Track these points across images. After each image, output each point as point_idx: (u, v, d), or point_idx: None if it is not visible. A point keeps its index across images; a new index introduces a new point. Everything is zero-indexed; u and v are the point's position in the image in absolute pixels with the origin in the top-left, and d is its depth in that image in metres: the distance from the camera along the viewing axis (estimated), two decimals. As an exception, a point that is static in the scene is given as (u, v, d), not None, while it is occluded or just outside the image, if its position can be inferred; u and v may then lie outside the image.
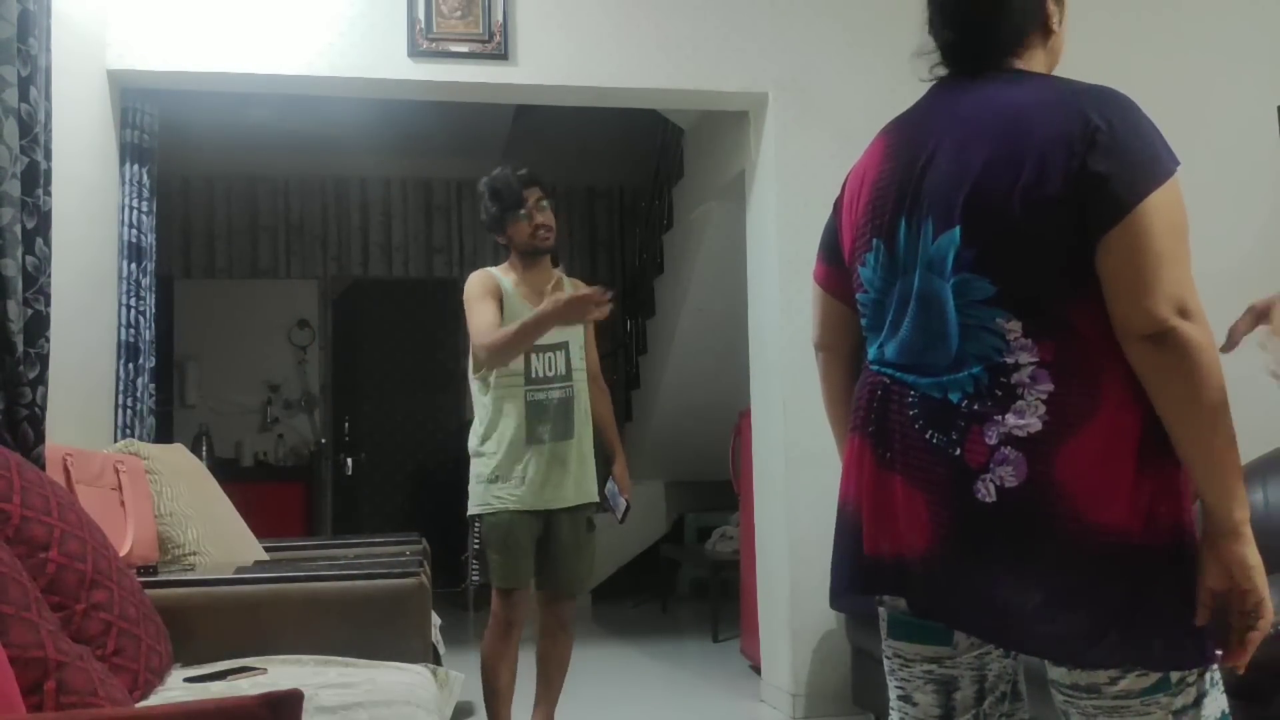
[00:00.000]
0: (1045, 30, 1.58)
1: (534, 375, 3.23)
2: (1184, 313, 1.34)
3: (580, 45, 3.98)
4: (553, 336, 3.20)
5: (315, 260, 8.11)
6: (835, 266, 1.66)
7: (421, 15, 3.86)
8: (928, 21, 1.58)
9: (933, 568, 1.44)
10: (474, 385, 3.29)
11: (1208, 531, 1.39)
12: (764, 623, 4.26)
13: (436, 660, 2.70)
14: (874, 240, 1.54)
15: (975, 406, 1.42)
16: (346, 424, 8.35)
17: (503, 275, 3.32)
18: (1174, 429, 1.37)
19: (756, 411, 4.35)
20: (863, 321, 1.61)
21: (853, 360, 1.68)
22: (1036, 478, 1.37)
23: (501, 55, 3.91)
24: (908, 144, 1.54)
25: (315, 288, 8.11)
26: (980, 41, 1.54)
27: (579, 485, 3.29)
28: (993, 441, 1.39)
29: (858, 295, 1.61)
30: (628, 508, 3.44)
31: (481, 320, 3.16)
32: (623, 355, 8.14)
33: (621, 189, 8.56)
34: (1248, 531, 1.39)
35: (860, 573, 1.54)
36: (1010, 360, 1.40)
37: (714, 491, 6.74)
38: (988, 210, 1.41)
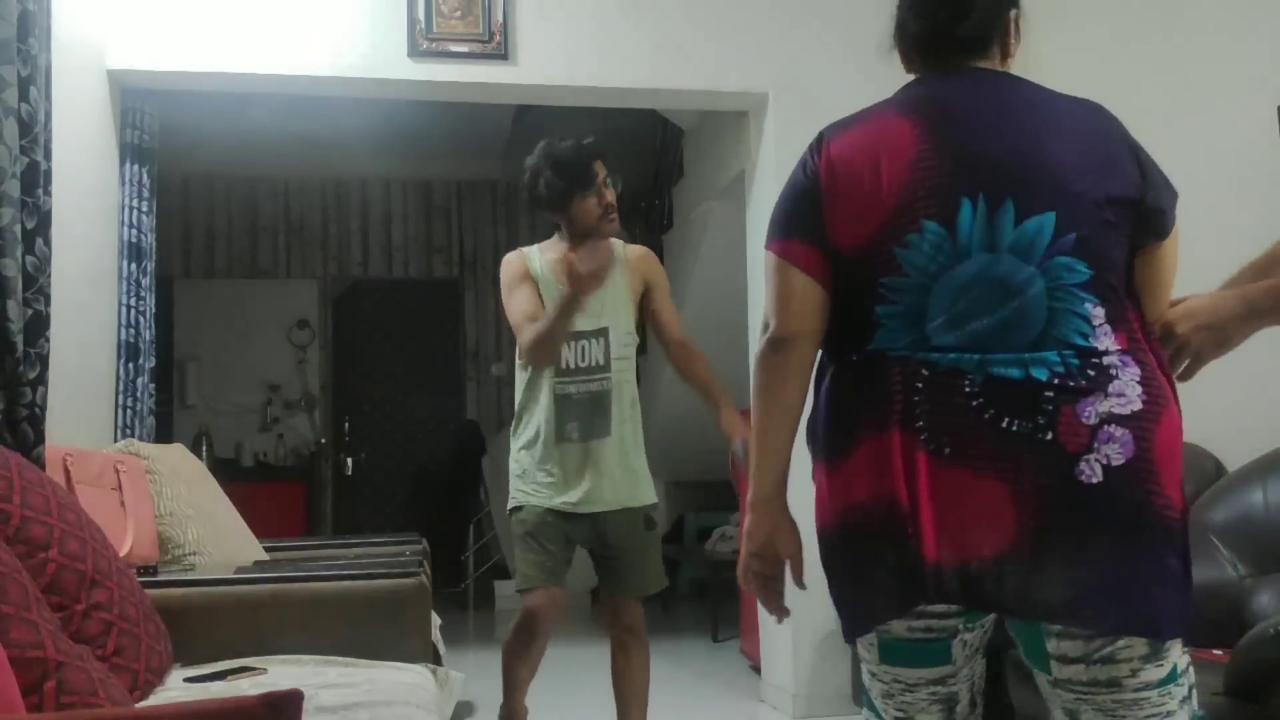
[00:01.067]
0: (1004, 50, 1.63)
1: (565, 366, 2.91)
2: None
3: (580, 45, 3.98)
4: (592, 321, 2.91)
5: (315, 260, 8.12)
6: (821, 250, 1.53)
7: (421, 15, 3.86)
8: (903, 16, 1.67)
9: (1021, 564, 1.39)
10: (517, 371, 3.03)
11: None
12: (764, 623, 4.26)
13: (436, 660, 2.70)
14: (924, 222, 1.46)
15: (1069, 384, 1.40)
16: (346, 424, 8.34)
17: (539, 254, 3.01)
18: None
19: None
20: (886, 309, 1.49)
21: (817, 348, 1.58)
22: (1142, 454, 1.40)
23: (501, 55, 3.91)
24: (950, 127, 1.51)
25: (315, 288, 8.12)
26: (970, 39, 1.59)
27: (618, 488, 2.96)
28: (1092, 421, 1.39)
29: (884, 280, 1.48)
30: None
31: (518, 312, 2.88)
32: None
33: (621, 189, 8.55)
34: None
35: (920, 584, 1.42)
36: (1097, 345, 1.43)
37: (714, 491, 6.74)
38: (1081, 199, 1.45)
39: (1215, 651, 2.36)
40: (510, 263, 3.02)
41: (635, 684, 3.05)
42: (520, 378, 3.00)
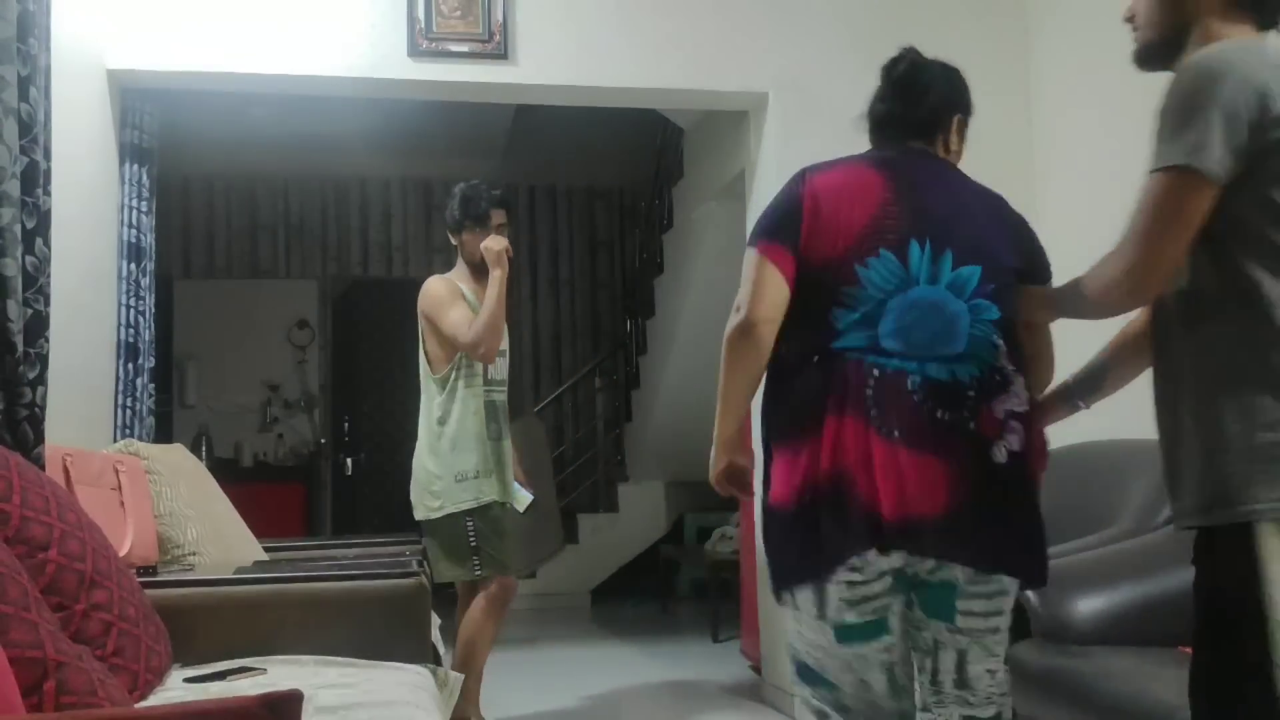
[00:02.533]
0: (946, 144, 2.08)
1: (490, 378, 3.53)
2: None
3: (580, 45, 3.98)
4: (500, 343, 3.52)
5: (315, 260, 8.12)
6: (795, 256, 1.93)
7: (421, 15, 3.86)
8: (880, 94, 2.11)
9: (953, 520, 1.80)
10: (431, 385, 3.53)
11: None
12: (764, 623, 4.26)
13: (436, 660, 2.70)
14: (882, 250, 1.89)
15: (985, 387, 1.86)
16: (346, 424, 8.35)
17: (460, 283, 3.56)
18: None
19: (756, 411, 4.34)
20: (843, 313, 1.88)
21: (775, 334, 1.95)
22: (1029, 442, 1.88)
23: (501, 55, 3.91)
24: (908, 187, 1.96)
25: (315, 288, 8.11)
26: (922, 123, 2.06)
27: (512, 480, 3.61)
28: (1001, 415, 1.86)
29: (844, 289, 1.88)
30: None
31: (460, 316, 3.41)
32: (623, 355, 8.15)
33: (621, 189, 8.56)
34: None
35: (877, 532, 1.79)
36: (1000, 363, 1.90)
37: (714, 491, 6.72)
38: (997, 263, 1.93)
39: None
40: (444, 282, 3.57)
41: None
42: (439, 388, 3.50)
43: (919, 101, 2.06)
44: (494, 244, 3.46)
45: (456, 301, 3.46)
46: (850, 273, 1.88)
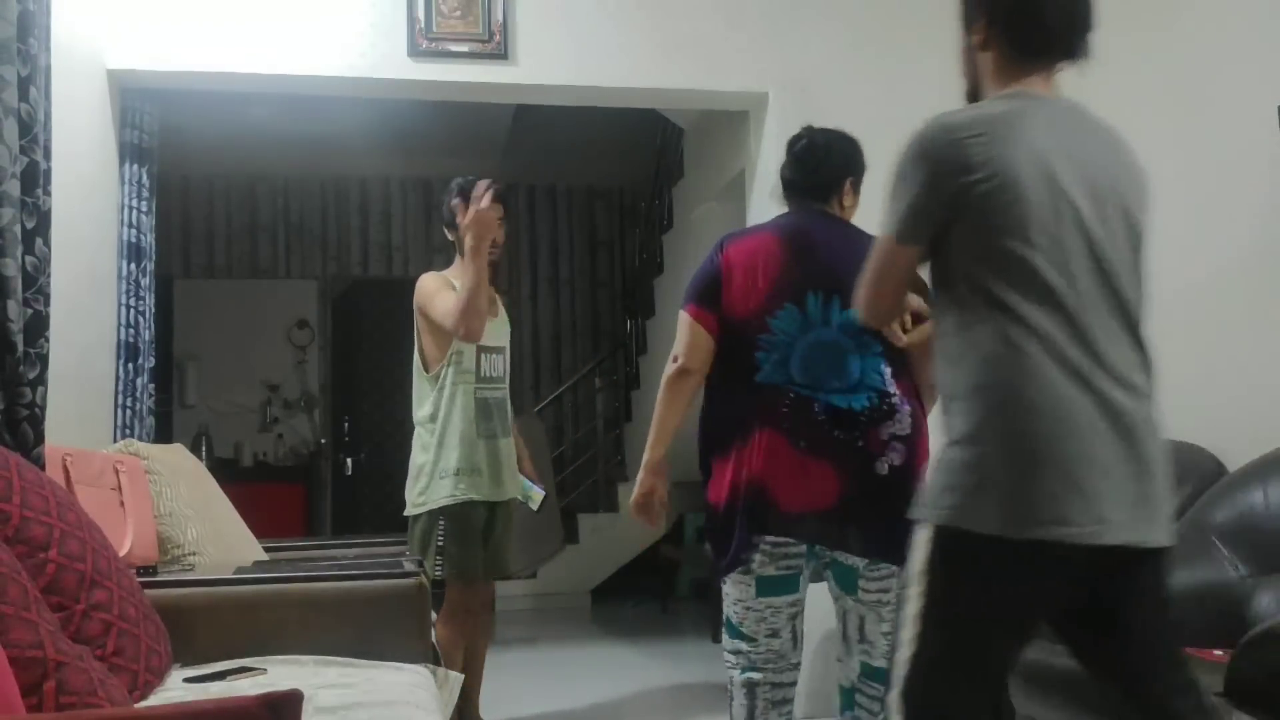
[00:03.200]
0: (840, 202, 2.58)
1: (483, 375, 3.49)
2: None
3: (580, 45, 3.98)
4: (494, 340, 3.53)
5: (315, 260, 8.11)
6: (716, 315, 2.46)
7: (421, 15, 3.86)
8: (785, 164, 2.62)
9: (840, 515, 2.36)
10: (424, 384, 3.50)
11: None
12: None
13: (436, 660, 2.70)
14: (787, 304, 2.41)
15: (872, 415, 2.38)
16: (346, 424, 8.34)
17: (454, 278, 3.48)
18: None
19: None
20: (763, 355, 2.41)
21: (703, 378, 2.50)
22: (909, 460, 2.38)
23: (501, 55, 3.91)
24: (802, 248, 2.46)
25: (315, 288, 8.11)
26: (818, 188, 2.57)
27: (513, 479, 3.60)
28: (885, 438, 2.38)
29: (761, 336, 2.41)
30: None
31: (446, 304, 3.37)
32: (623, 355, 8.15)
33: (621, 189, 8.56)
34: None
35: (778, 523, 2.37)
36: (889, 390, 2.41)
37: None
38: None
39: (1216, 652, 2.36)
40: (435, 276, 3.52)
41: (485, 643, 3.70)
42: (431, 385, 3.46)
43: (815, 171, 2.56)
44: (479, 216, 3.25)
45: (444, 290, 3.43)
46: (764, 324, 2.41)
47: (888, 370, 2.41)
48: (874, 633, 2.48)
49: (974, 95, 1.93)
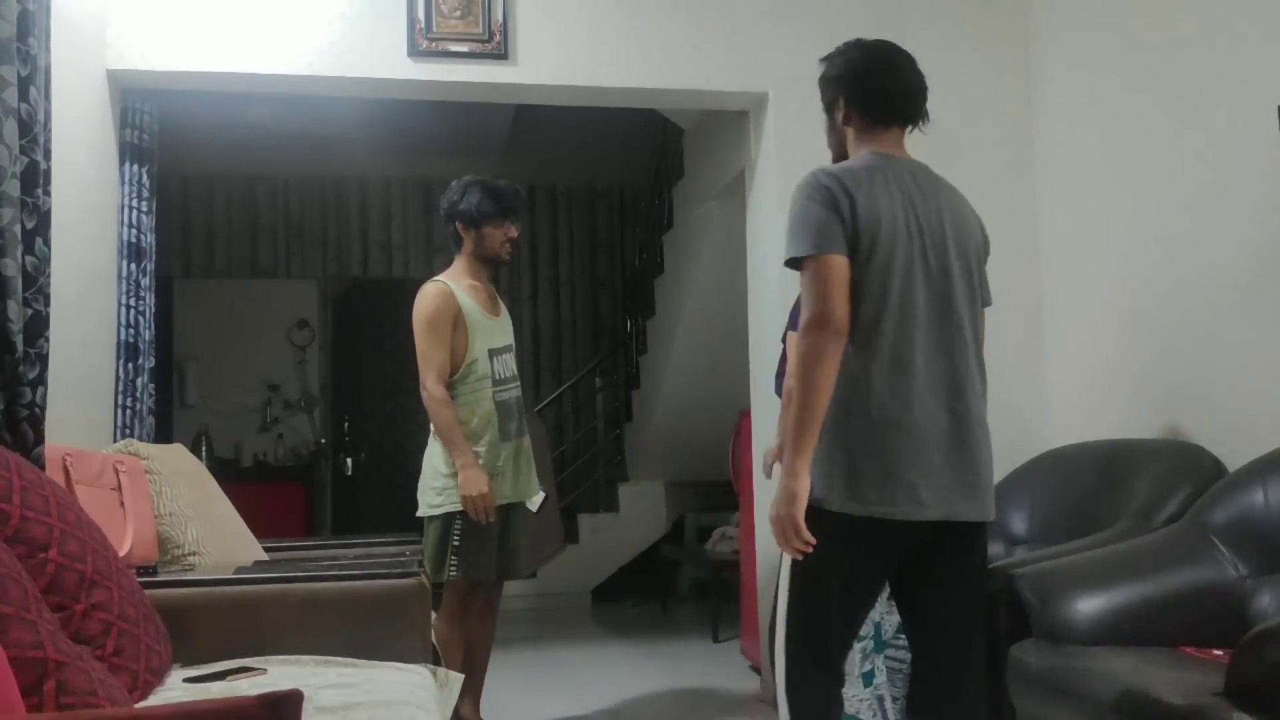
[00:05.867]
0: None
1: (498, 377, 3.49)
2: None
3: (580, 45, 3.98)
4: (503, 339, 3.53)
5: (315, 260, 8.11)
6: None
7: (421, 15, 3.86)
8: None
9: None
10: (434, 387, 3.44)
11: None
12: (764, 623, 4.26)
13: (436, 660, 2.70)
14: None
15: None
16: (346, 424, 8.34)
17: (458, 289, 3.46)
18: None
19: (756, 411, 4.35)
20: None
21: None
22: None
23: (501, 55, 3.91)
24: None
25: (315, 288, 8.11)
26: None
27: (531, 476, 3.58)
28: None
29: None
30: None
31: (434, 361, 3.38)
32: (623, 355, 8.14)
33: (621, 189, 8.55)
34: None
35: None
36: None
37: (714, 491, 6.74)
38: None
39: (1215, 652, 2.36)
40: (439, 296, 3.44)
41: (489, 643, 3.64)
42: (442, 391, 3.41)
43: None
44: (478, 502, 3.31)
45: (441, 337, 3.39)
46: None
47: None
48: None
49: (840, 160, 2.35)
